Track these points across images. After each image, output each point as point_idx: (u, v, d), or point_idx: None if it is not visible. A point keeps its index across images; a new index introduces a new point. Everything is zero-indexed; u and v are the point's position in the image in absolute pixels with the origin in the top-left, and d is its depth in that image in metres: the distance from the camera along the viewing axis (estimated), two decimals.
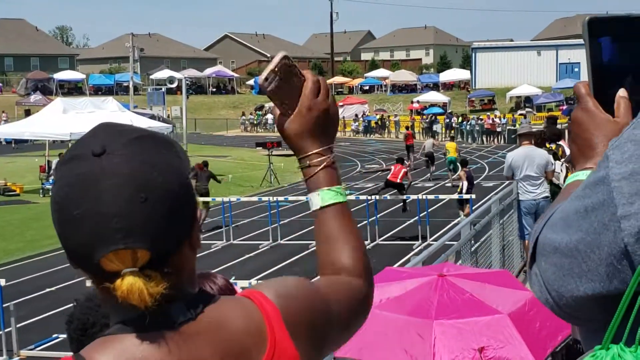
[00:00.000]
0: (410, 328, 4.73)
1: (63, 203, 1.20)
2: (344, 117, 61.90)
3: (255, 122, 65.10)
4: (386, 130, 56.94)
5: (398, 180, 18.66)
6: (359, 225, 1.53)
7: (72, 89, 75.30)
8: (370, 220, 16.79)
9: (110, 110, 28.97)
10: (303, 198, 20.78)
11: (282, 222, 17.93)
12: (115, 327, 1.23)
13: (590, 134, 1.29)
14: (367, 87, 79.62)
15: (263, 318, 1.28)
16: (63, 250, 1.25)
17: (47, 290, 13.37)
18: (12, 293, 11.65)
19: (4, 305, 9.76)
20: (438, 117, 54.35)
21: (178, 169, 1.23)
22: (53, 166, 26.93)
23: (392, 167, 19.50)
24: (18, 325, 9.84)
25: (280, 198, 18.88)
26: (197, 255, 1.32)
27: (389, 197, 18.64)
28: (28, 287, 13.57)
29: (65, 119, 26.56)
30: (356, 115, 61.16)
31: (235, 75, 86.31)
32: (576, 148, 1.32)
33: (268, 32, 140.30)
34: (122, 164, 1.18)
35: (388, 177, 19.14)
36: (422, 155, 30.73)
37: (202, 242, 1.38)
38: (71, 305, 2.30)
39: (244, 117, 66.45)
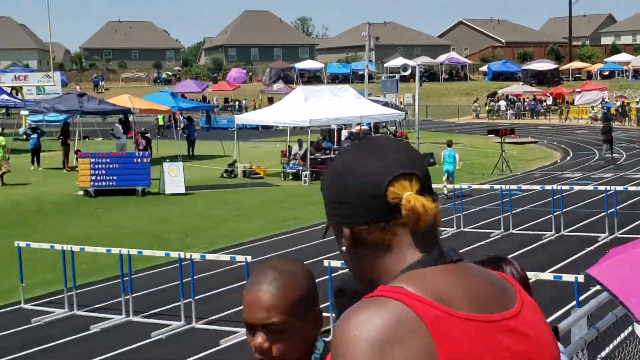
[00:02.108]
0: None
1: (350, 162, 1.58)
2: (578, 106, 59.44)
3: (488, 109, 64.20)
4: (627, 119, 53.98)
5: None
6: (596, 217, 1.76)
7: (312, 78, 78.29)
8: (608, 212, 16.17)
9: (347, 98, 29.98)
10: (536, 187, 20.43)
11: (514, 211, 17.73)
12: (406, 270, 1.52)
13: None
14: (607, 73, 75.81)
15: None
16: (303, 231, 1.61)
17: None
18: None
19: None
20: None
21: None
22: (293, 151, 28.37)
23: None
24: None
25: (513, 186, 18.63)
26: None
27: (629, 189, 17.82)
28: None
29: (305, 107, 27.85)
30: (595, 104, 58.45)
31: (468, 61, 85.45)
32: None
33: (503, 18, 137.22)
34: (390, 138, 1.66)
35: None
36: None
37: None
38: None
39: (476, 104, 65.75)
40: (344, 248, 1.59)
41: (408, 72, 44.09)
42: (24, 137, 36.20)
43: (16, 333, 10.97)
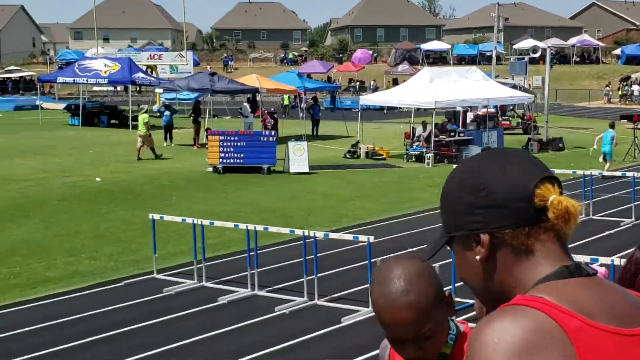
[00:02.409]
0: None
1: (488, 170, 1.59)
2: None
3: (620, 94, 61.80)
4: None
5: None
6: None
7: (437, 59, 77.51)
8: None
9: (474, 80, 29.56)
10: None
11: None
12: (543, 281, 1.51)
13: None
14: None
15: None
16: (425, 213, 1.67)
17: (409, 250, 14.19)
18: (378, 250, 12.53)
19: (372, 261, 10.65)
20: None
21: None
22: (417, 133, 28.26)
23: None
24: None
25: None
26: None
27: None
28: (391, 246, 14.42)
29: (431, 88, 27.64)
30: None
31: (601, 44, 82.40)
32: None
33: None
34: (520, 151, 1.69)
35: None
36: None
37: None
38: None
39: (608, 88, 63.40)
40: (477, 257, 1.57)
41: (538, 54, 43.06)
42: (158, 114, 37.78)
43: (149, 301, 11.53)
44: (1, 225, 16.29)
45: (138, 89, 52.17)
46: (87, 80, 40.92)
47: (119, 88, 59.23)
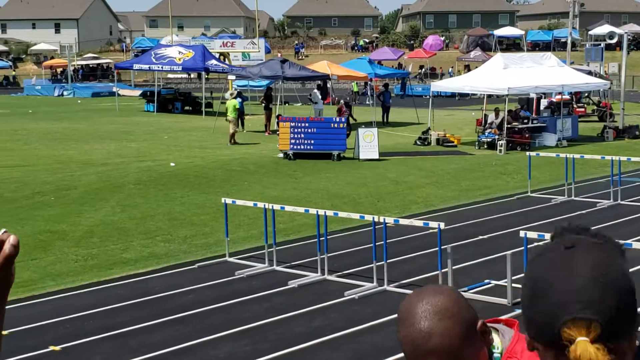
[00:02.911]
0: None
1: (537, 281, 1.51)
2: None
3: None
4: None
5: None
6: None
7: (510, 45, 76.23)
8: None
9: (548, 66, 29.06)
10: None
11: None
12: None
13: None
14: None
15: None
16: (497, 201, 1.65)
17: (480, 237, 14.10)
18: (448, 237, 12.53)
19: (442, 247, 10.64)
20: None
21: (627, 274, 1.50)
22: (489, 120, 27.95)
23: None
24: (453, 267, 10.63)
25: None
26: (584, 212, 1.62)
27: None
28: (462, 233, 14.39)
29: (504, 74, 27.28)
30: None
31: None
32: None
33: None
34: (588, 256, 1.49)
35: None
36: None
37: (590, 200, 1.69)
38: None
39: None
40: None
41: (614, 40, 41.91)
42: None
43: (221, 284, 11.75)
44: (80, 208, 16.77)
45: (207, 75, 52.80)
46: (162, 68, 41.66)
47: (192, 75, 60.10)
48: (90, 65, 73.29)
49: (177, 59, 40.49)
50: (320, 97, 31.78)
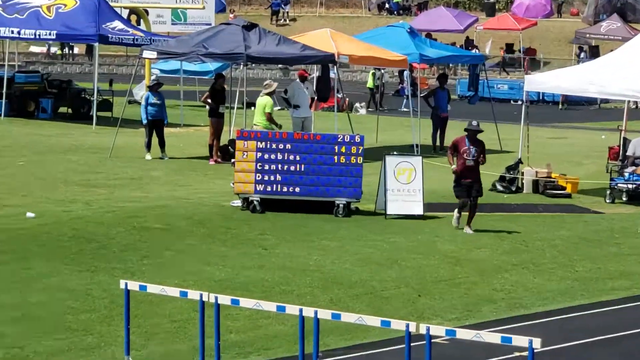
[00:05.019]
0: None
1: None
2: None
3: None
4: None
5: None
6: None
7: None
8: None
9: None
10: None
11: None
12: None
13: None
14: None
15: None
16: None
17: None
18: None
19: None
20: None
21: None
22: (631, 149, 19.52)
23: None
24: None
25: None
26: None
27: None
28: (576, 358, 10.88)
29: None
30: None
31: None
32: None
33: None
34: None
35: None
36: None
37: None
38: None
39: None
40: None
41: None
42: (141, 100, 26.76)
43: None
44: None
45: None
46: (16, 32, 25.87)
47: (76, 49, 44.01)
48: None
49: (46, 14, 26.13)
50: (307, 94, 21.11)
